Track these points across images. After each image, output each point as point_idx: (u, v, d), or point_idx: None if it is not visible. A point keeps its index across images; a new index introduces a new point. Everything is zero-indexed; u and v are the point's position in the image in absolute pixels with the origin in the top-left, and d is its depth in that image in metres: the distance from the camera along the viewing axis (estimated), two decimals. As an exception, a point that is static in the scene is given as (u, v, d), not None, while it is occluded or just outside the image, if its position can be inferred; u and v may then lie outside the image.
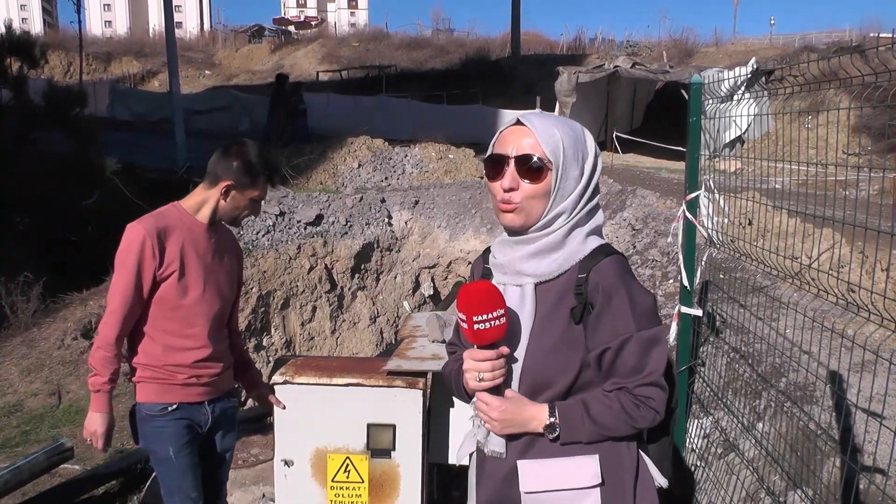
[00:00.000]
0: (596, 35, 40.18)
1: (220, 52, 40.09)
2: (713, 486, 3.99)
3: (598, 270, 1.86)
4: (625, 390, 1.88)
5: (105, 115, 20.43)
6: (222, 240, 3.27)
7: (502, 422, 1.89)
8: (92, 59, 33.50)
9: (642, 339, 1.86)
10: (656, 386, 1.88)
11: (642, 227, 9.10)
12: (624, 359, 1.86)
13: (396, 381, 3.44)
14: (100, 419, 3.14)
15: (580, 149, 1.91)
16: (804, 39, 31.80)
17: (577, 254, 1.90)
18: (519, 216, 1.89)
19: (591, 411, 1.87)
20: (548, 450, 1.91)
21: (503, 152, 1.90)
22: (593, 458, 1.90)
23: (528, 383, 1.91)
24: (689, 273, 4.13)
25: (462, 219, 11.57)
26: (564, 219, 1.89)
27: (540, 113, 2.03)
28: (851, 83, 2.83)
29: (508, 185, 1.87)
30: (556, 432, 1.87)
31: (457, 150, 13.85)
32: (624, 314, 1.85)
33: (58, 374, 6.65)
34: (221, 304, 3.24)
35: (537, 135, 1.87)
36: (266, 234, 10.14)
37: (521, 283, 1.92)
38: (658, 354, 1.88)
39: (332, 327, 10.46)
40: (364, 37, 40.00)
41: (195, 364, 3.16)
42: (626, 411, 1.87)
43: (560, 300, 1.89)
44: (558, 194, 1.88)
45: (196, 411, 3.22)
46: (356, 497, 3.50)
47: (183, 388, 3.16)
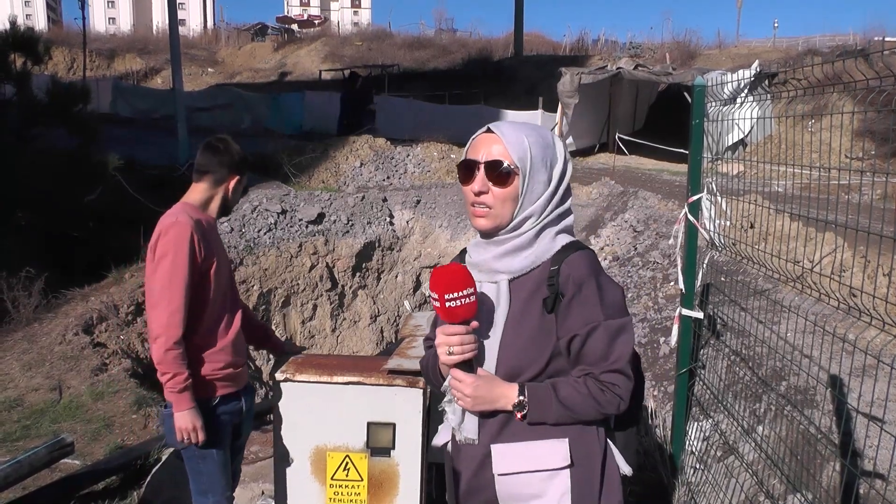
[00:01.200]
0: (599, 36, 40.15)
1: (223, 49, 40.13)
2: (712, 489, 3.99)
3: (570, 262, 1.97)
4: (591, 376, 1.97)
5: (108, 112, 20.46)
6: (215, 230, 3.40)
7: (474, 398, 1.98)
8: (95, 55, 33.57)
9: (610, 328, 1.96)
10: (621, 373, 1.97)
11: (644, 229, 9.10)
12: (591, 346, 1.96)
13: (397, 380, 3.43)
14: (192, 415, 3.15)
15: (549, 155, 2.02)
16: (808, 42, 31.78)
17: (548, 251, 2.01)
18: (489, 220, 2.00)
19: (559, 393, 1.96)
20: (519, 433, 2.00)
21: (474, 158, 2.01)
22: (563, 442, 1.99)
23: (503, 372, 2.01)
24: (689, 275, 4.13)
25: (463, 218, 11.58)
26: (533, 221, 2.00)
27: (511, 122, 2.14)
28: (855, 87, 2.84)
29: (478, 188, 1.99)
30: (525, 410, 1.97)
31: (459, 150, 13.87)
32: (593, 303, 1.96)
33: (59, 370, 6.66)
34: (234, 295, 3.41)
35: (505, 142, 1.98)
36: (268, 232, 10.15)
37: (495, 279, 2.03)
38: (623, 343, 1.98)
39: (332, 326, 10.48)
40: (367, 36, 40.04)
41: (230, 354, 3.29)
42: (593, 396, 1.96)
43: (533, 293, 2.00)
44: (526, 198, 1.99)
45: (233, 403, 3.34)
46: (355, 495, 3.50)
47: (222, 381, 3.27)
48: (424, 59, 34.19)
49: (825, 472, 3.47)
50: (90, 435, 5.59)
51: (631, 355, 2.01)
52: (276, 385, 3.51)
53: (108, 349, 7.24)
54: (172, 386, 3.09)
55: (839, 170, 3.68)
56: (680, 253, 4.27)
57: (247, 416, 3.51)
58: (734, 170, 10.31)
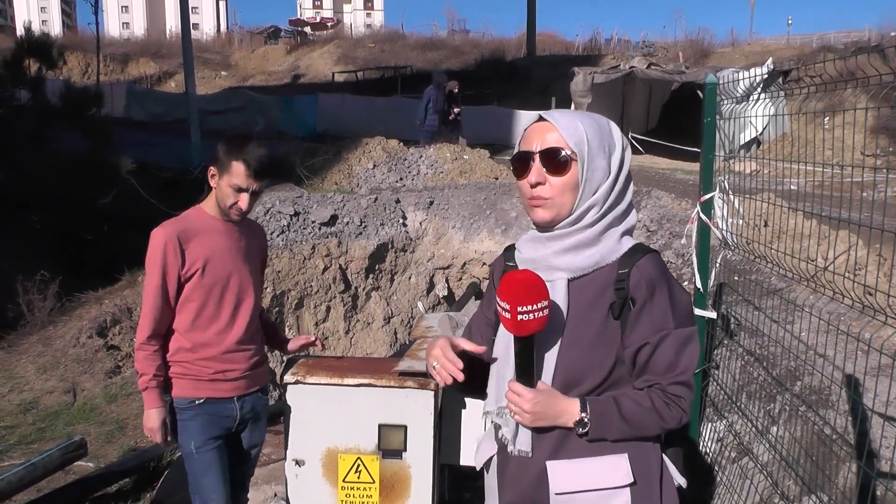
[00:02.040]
0: (612, 36, 40.03)
1: (236, 53, 40.29)
2: (726, 491, 3.96)
3: (641, 267, 1.86)
4: (657, 388, 1.88)
5: (122, 116, 20.61)
6: (245, 233, 3.35)
7: (534, 414, 1.87)
8: (109, 60, 33.77)
9: (680, 337, 1.86)
10: (686, 385, 1.89)
11: (657, 229, 9.06)
12: (660, 355, 1.86)
13: (408, 381, 3.43)
14: (154, 415, 3.20)
15: (606, 140, 1.91)
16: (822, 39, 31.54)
17: (613, 252, 1.90)
18: (549, 211, 1.89)
19: (622, 409, 1.86)
20: (578, 450, 1.90)
21: (528, 149, 1.91)
22: (623, 457, 1.89)
23: (562, 379, 1.90)
24: (702, 275, 4.11)
25: (477, 220, 11.55)
26: (596, 211, 1.88)
27: (563, 110, 2.05)
28: (869, 82, 2.80)
29: (535, 180, 1.88)
30: (587, 428, 1.86)
31: (472, 151, 13.85)
32: (664, 311, 1.86)
33: (73, 372, 6.69)
34: (249, 300, 3.33)
35: (560, 128, 1.87)
36: (280, 234, 10.16)
37: (553, 278, 1.90)
38: (691, 353, 1.89)
39: (345, 327, 10.47)
40: (379, 38, 40.11)
41: (223, 359, 3.26)
42: (657, 410, 1.87)
43: (599, 297, 1.89)
44: (586, 186, 1.88)
45: (223, 407, 3.29)
46: (367, 497, 3.50)
47: (210, 383, 3.25)
48: (437, 60, 34.19)
49: (841, 473, 3.43)
50: (104, 437, 5.62)
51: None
52: (286, 387, 3.52)
53: (122, 352, 7.26)
54: (140, 384, 3.22)
55: (853, 167, 3.64)
56: (693, 252, 4.25)
57: (251, 422, 3.44)
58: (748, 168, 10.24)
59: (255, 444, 3.52)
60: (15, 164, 8.84)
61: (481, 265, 11.24)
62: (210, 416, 3.27)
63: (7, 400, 6.26)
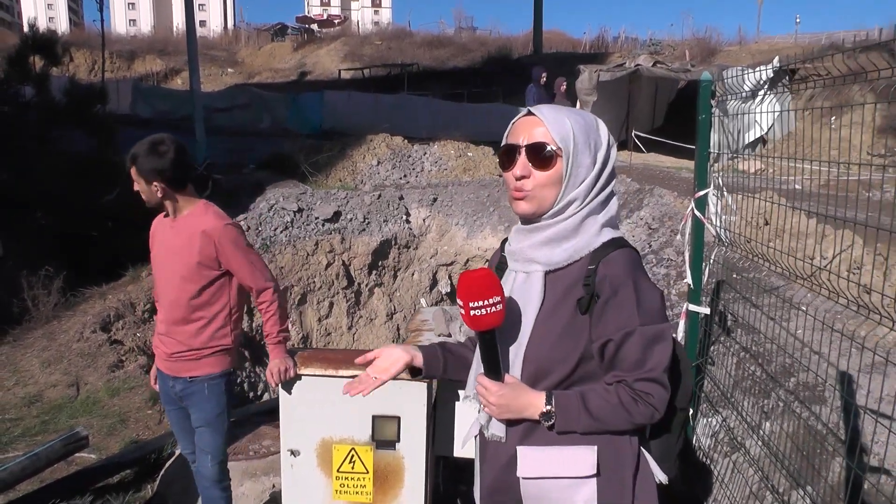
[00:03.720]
0: (619, 34, 39.91)
1: (243, 50, 40.31)
2: (719, 485, 3.99)
3: (608, 262, 1.88)
4: (624, 384, 1.89)
5: (128, 113, 20.64)
6: (181, 228, 3.53)
7: (499, 406, 1.93)
8: (116, 57, 33.83)
9: (646, 334, 1.86)
10: (657, 383, 1.88)
11: (658, 227, 9.08)
12: (625, 352, 1.87)
13: (402, 373, 3.46)
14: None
15: (592, 137, 1.94)
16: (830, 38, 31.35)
17: (589, 244, 1.91)
18: (531, 203, 1.92)
19: (588, 403, 1.89)
20: (547, 438, 1.93)
21: (514, 142, 1.95)
22: (591, 449, 1.92)
23: (530, 370, 1.94)
24: (696, 271, 4.14)
25: (480, 217, 11.59)
26: (577, 206, 1.91)
27: (552, 105, 2.06)
28: (879, 75, 2.78)
29: (520, 173, 1.92)
30: (552, 420, 1.90)
31: (476, 149, 13.86)
32: (629, 307, 1.86)
33: (76, 366, 6.76)
34: (171, 294, 3.55)
35: (547, 124, 1.91)
36: (284, 231, 10.22)
37: (530, 269, 1.95)
38: (661, 351, 1.88)
39: (348, 323, 10.52)
40: (386, 35, 40.09)
41: (158, 337, 3.68)
42: (624, 406, 1.88)
43: (569, 290, 1.91)
44: (570, 181, 1.90)
45: (165, 378, 3.70)
46: (361, 488, 3.54)
47: (157, 355, 3.73)
48: (444, 57, 34.18)
49: (831, 468, 3.46)
50: (106, 430, 5.68)
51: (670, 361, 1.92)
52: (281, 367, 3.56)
53: (125, 346, 7.33)
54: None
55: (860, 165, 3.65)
56: (687, 248, 4.27)
57: (189, 404, 3.67)
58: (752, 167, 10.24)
59: (197, 425, 3.70)
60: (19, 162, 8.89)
61: (484, 262, 11.27)
62: (161, 382, 3.76)
63: (12, 393, 6.32)
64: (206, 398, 3.60)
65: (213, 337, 3.57)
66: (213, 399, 3.62)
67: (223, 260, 3.50)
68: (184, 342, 3.55)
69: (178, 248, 3.49)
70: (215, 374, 3.60)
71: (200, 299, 3.52)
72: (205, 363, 3.58)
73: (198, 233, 3.46)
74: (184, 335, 3.55)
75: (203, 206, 3.58)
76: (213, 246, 3.46)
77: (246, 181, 11.70)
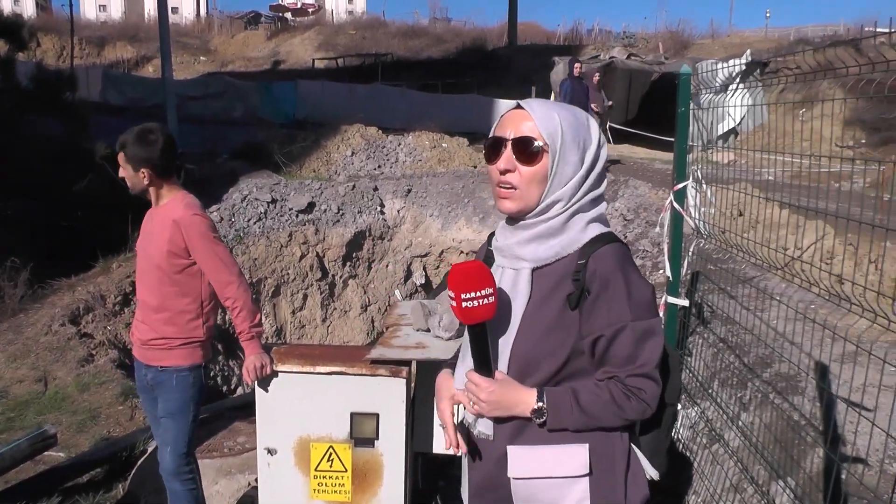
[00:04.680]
0: (593, 26, 40.02)
1: (216, 38, 39.90)
2: (698, 477, 3.99)
3: (598, 257, 1.84)
4: (616, 380, 1.86)
5: (98, 101, 20.32)
6: (156, 217, 3.56)
7: (490, 403, 1.88)
8: (85, 43, 33.34)
9: (637, 330, 1.83)
10: (649, 378, 1.86)
11: (634, 218, 9.10)
12: (617, 348, 1.84)
13: (380, 369, 3.42)
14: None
15: (581, 135, 1.88)
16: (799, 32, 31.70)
17: (576, 241, 1.88)
18: (515, 202, 1.87)
19: (580, 400, 1.85)
20: (537, 436, 1.89)
21: (501, 135, 1.89)
22: (583, 447, 1.88)
23: (518, 366, 1.89)
24: (675, 263, 4.12)
25: (454, 208, 11.54)
26: (561, 206, 1.87)
27: (543, 100, 2.02)
28: (847, 72, 2.81)
29: (504, 167, 1.86)
30: (543, 417, 1.86)
31: (451, 140, 13.82)
32: (620, 303, 1.83)
33: (44, 361, 6.62)
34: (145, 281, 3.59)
35: (535, 118, 1.85)
36: (257, 222, 10.11)
37: (517, 266, 1.91)
38: (652, 346, 1.86)
39: (322, 315, 10.45)
40: (361, 25, 39.83)
41: (135, 323, 3.69)
42: (616, 402, 1.85)
43: (557, 285, 1.87)
44: (555, 179, 1.85)
45: (139, 366, 3.68)
46: (339, 486, 3.49)
47: (134, 342, 3.71)
48: (418, 48, 34.05)
49: (809, 458, 3.46)
50: (75, 426, 5.56)
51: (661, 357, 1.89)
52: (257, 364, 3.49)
53: (95, 340, 7.20)
54: None
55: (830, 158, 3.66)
56: (666, 241, 4.26)
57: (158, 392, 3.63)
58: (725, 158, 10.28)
59: (162, 414, 3.64)
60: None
61: (459, 253, 11.25)
62: (137, 371, 3.73)
63: (-24, 389, 6.18)
64: (173, 388, 3.56)
65: (185, 328, 3.53)
66: (179, 390, 3.57)
67: (191, 250, 3.50)
68: (156, 329, 3.54)
69: (154, 236, 3.52)
70: (184, 367, 3.55)
71: (172, 288, 3.51)
72: (175, 354, 3.54)
73: (170, 221, 3.46)
74: (156, 322, 3.54)
75: (182, 196, 3.56)
76: (181, 235, 3.45)
77: (219, 171, 11.57)
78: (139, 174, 3.45)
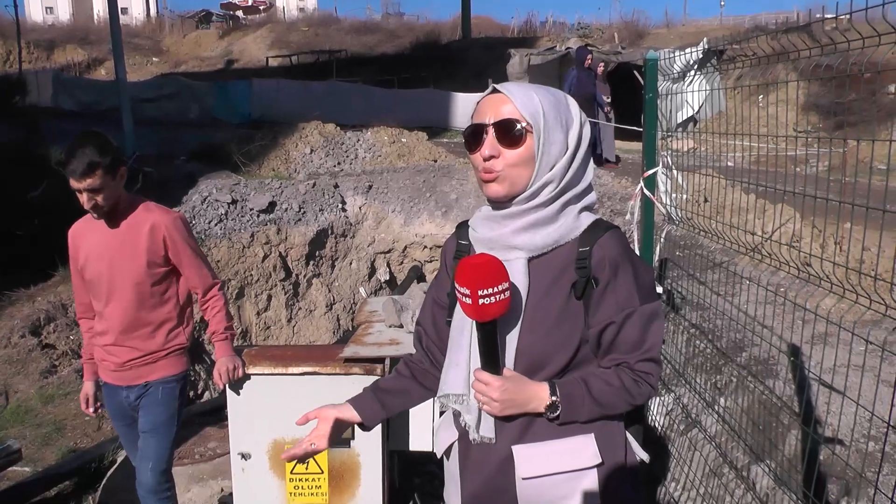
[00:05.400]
0: (547, 18, 40.09)
1: (168, 38, 39.31)
2: (676, 463, 3.99)
3: (603, 244, 1.80)
4: (624, 366, 1.82)
5: (50, 105, 19.90)
6: (125, 230, 3.32)
7: (503, 402, 1.79)
8: (33, 47, 32.63)
9: (645, 313, 1.80)
10: (654, 361, 1.84)
11: (598, 207, 9.11)
12: (626, 333, 1.80)
13: (353, 367, 3.36)
14: (83, 387, 3.63)
15: (563, 114, 1.83)
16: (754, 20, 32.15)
17: (574, 229, 1.82)
18: (502, 185, 1.80)
19: (591, 389, 1.81)
20: (543, 433, 1.84)
21: (481, 121, 1.82)
22: (590, 438, 1.84)
23: (526, 362, 1.82)
24: (647, 251, 4.12)
25: (416, 203, 11.49)
26: (552, 188, 1.80)
27: (519, 83, 1.95)
28: (799, 55, 2.84)
29: (489, 152, 1.79)
30: (558, 411, 1.80)
31: (409, 134, 13.75)
32: (629, 288, 1.80)
33: (4, 374, 6.44)
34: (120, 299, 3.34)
35: (514, 100, 1.78)
36: (218, 223, 9.96)
37: (511, 257, 1.82)
38: (657, 329, 1.83)
39: (287, 316, 10.33)
40: (313, 21, 39.52)
41: (106, 350, 3.42)
42: (626, 388, 1.82)
43: (559, 275, 1.82)
44: (543, 160, 1.79)
45: (116, 391, 3.46)
46: (316, 489, 3.43)
47: (103, 369, 3.48)
48: (372, 43, 33.88)
49: (787, 440, 3.48)
50: (41, 440, 5.42)
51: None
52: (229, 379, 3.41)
53: (58, 350, 7.01)
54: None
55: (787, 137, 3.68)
56: (636, 228, 4.25)
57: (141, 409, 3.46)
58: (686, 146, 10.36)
59: (143, 429, 3.49)
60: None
61: (422, 248, 11.19)
62: (110, 398, 3.51)
63: (-67, 404, 5.99)
64: (159, 401, 3.42)
65: (168, 338, 3.41)
66: (165, 403, 3.43)
67: (172, 255, 3.35)
68: (139, 347, 3.36)
69: (123, 250, 3.30)
70: (170, 377, 3.43)
71: (152, 300, 3.36)
72: (161, 365, 3.41)
73: (145, 230, 3.30)
74: (138, 340, 3.36)
75: (143, 202, 3.41)
76: (161, 241, 3.31)
77: (178, 173, 11.37)
78: (118, 178, 3.22)
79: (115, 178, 3.19)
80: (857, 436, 3.31)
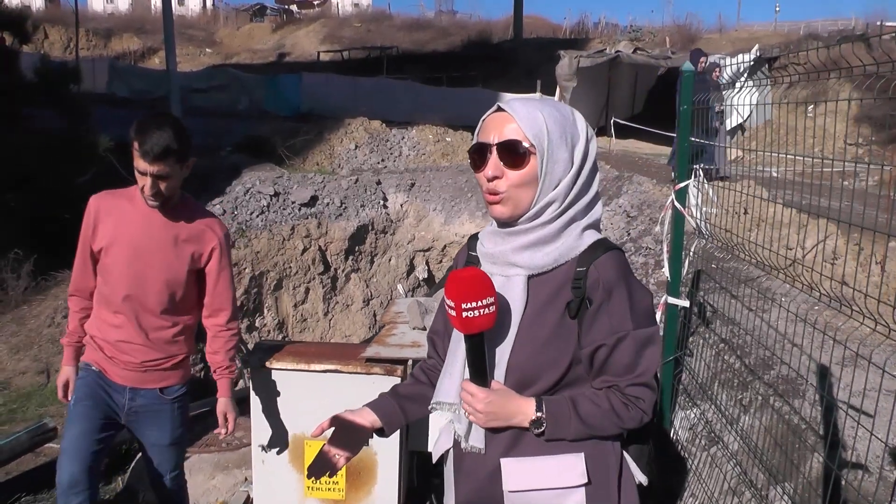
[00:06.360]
0: (599, 20, 39.93)
1: (221, 30, 39.91)
2: (696, 479, 3.96)
3: (599, 265, 1.79)
4: (615, 389, 1.82)
5: (104, 92, 20.34)
6: (174, 226, 3.09)
7: (487, 414, 1.81)
8: (92, 35, 33.34)
9: (638, 338, 1.79)
10: (647, 387, 1.82)
11: (637, 215, 9.06)
12: (618, 356, 1.80)
13: (375, 368, 3.40)
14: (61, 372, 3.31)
15: (569, 131, 1.81)
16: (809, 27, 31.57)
17: (574, 248, 1.82)
18: (506, 207, 1.80)
19: (579, 409, 1.81)
20: (532, 448, 1.84)
21: (485, 140, 1.82)
22: (579, 457, 1.84)
23: (516, 377, 1.83)
24: (675, 263, 4.09)
25: (458, 202, 11.52)
26: (555, 207, 1.80)
27: (524, 98, 1.95)
28: (852, 73, 2.78)
29: (492, 173, 1.79)
30: (542, 427, 1.81)
31: (454, 133, 13.78)
32: (622, 311, 1.79)
33: (47, 353, 6.62)
34: (154, 291, 3.08)
35: (518, 119, 1.78)
36: (260, 215, 10.10)
37: (509, 273, 1.84)
38: (651, 355, 1.82)
39: (324, 309, 10.44)
40: (366, 17, 39.81)
41: (115, 346, 3.12)
42: (615, 411, 1.81)
43: (555, 294, 1.82)
44: (546, 181, 1.78)
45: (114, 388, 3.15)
46: (333, 484, 3.48)
47: (106, 360, 3.15)
48: (423, 41, 33.96)
49: (808, 463, 3.43)
50: (76, 419, 5.55)
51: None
52: (252, 372, 3.48)
53: (97, 332, 7.19)
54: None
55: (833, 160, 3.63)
56: (666, 240, 4.23)
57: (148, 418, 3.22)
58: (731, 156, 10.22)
59: (156, 444, 3.28)
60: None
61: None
62: (99, 385, 3.14)
63: (-22, 381, 6.19)
64: (175, 416, 3.25)
65: (186, 344, 3.24)
66: (180, 415, 3.27)
67: (211, 269, 3.17)
68: (162, 349, 3.15)
69: (164, 246, 3.07)
70: (182, 385, 3.26)
71: (182, 303, 3.17)
72: (176, 373, 3.22)
73: (195, 233, 3.13)
74: (161, 341, 3.14)
75: (194, 203, 3.24)
76: (209, 252, 3.15)
77: (222, 164, 11.54)
78: (184, 169, 3.01)
79: (182, 168, 3.00)
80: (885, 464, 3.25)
